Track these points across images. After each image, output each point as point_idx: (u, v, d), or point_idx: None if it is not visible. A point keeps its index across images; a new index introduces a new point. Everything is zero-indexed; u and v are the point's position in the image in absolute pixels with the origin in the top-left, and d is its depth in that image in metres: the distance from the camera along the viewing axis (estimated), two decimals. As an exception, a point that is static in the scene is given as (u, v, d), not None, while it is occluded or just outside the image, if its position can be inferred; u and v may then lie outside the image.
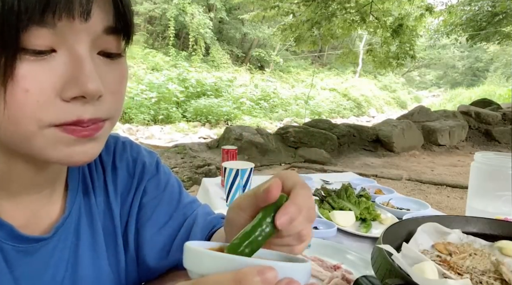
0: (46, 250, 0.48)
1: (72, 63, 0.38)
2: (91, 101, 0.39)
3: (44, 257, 0.48)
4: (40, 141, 0.39)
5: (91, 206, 0.55)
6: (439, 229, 0.73)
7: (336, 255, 0.91)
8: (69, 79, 0.38)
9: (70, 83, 0.38)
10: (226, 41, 17.06)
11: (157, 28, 15.62)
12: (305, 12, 8.43)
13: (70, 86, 0.38)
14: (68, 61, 0.38)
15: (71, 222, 0.52)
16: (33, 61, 0.36)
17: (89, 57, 0.39)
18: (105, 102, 0.41)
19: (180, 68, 12.31)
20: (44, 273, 0.48)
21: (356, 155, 6.06)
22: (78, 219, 0.53)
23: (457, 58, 27.75)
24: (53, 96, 0.38)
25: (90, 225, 0.54)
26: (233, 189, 1.35)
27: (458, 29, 11.88)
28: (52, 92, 0.37)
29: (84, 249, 0.52)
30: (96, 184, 0.56)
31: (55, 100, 0.38)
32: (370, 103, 18.03)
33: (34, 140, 0.39)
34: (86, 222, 0.53)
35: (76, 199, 0.53)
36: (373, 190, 1.53)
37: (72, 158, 0.41)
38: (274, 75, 17.04)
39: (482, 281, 0.57)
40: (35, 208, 0.49)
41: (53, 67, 0.37)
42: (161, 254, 0.60)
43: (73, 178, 0.54)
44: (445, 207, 3.47)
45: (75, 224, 0.52)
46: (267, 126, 10.25)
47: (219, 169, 2.26)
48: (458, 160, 5.86)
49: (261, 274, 0.27)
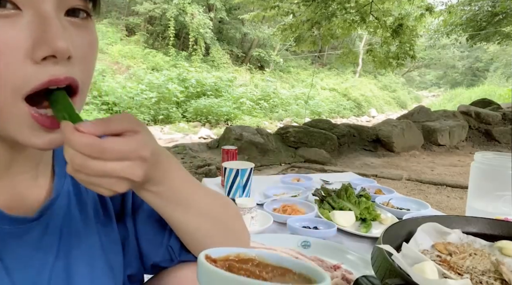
0: (35, 234, 0.47)
1: (38, 22, 0.37)
2: (62, 61, 0.39)
3: (32, 240, 0.47)
4: (10, 116, 0.39)
5: (81, 193, 0.54)
6: (439, 229, 0.73)
7: (336, 255, 0.91)
8: (37, 39, 0.37)
9: (39, 43, 0.37)
10: (226, 41, 17.05)
11: (157, 28, 15.61)
12: (305, 12, 8.43)
13: (39, 46, 0.37)
14: (34, 21, 0.37)
15: (60, 207, 0.51)
16: (19, 23, 0.36)
17: (56, 16, 0.39)
18: (75, 64, 0.41)
19: (180, 68, 12.30)
20: (34, 258, 0.47)
21: (356, 155, 6.06)
22: (68, 204, 0.52)
23: (457, 58, 27.75)
24: (22, 58, 0.37)
25: (80, 211, 0.53)
26: (233, 189, 1.35)
27: (458, 29, 11.88)
28: (21, 53, 0.37)
29: (75, 235, 0.51)
30: None
31: (25, 62, 0.37)
32: (370, 103, 18.03)
33: (6, 114, 0.39)
34: (76, 208, 0.53)
35: (64, 185, 0.52)
36: (373, 190, 1.53)
37: (36, 143, 0.41)
38: (274, 75, 17.04)
39: (482, 281, 0.57)
40: (19, 190, 0.48)
41: (19, 28, 0.37)
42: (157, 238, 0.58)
43: (59, 164, 0.53)
44: (445, 207, 3.47)
45: (64, 209, 0.51)
46: (267, 126, 10.25)
47: (219, 169, 2.26)
48: (458, 160, 5.86)
49: None
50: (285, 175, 1.86)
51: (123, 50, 12.67)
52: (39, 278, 0.47)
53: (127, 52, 12.71)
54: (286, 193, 1.51)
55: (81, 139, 0.37)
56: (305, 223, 1.17)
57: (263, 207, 1.28)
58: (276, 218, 1.19)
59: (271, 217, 1.17)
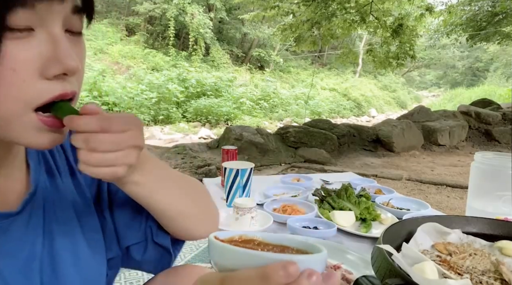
0: (18, 227, 0.49)
1: (50, 42, 0.41)
2: (69, 77, 0.43)
3: (17, 234, 0.49)
4: (18, 124, 0.42)
5: (57, 185, 0.56)
6: (439, 229, 0.73)
7: (336, 255, 0.91)
8: (49, 58, 0.41)
9: (52, 61, 0.41)
10: (226, 41, 17.05)
11: (157, 28, 15.61)
12: (305, 12, 8.42)
13: (53, 64, 0.41)
14: (46, 40, 0.41)
15: (39, 199, 0.53)
16: (17, 41, 0.39)
17: (64, 35, 0.42)
18: (74, 77, 0.45)
19: (180, 68, 12.30)
20: (21, 250, 0.49)
21: (356, 155, 6.06)
22: (46, 197, 0.54)
23: (457, 58, 27.75)
24: (36, 75, 0.41)
25: (59, 202, 0.55)
26: (233, 189, 1.35)
27: (458, 29, 11.86)
28: (35, 71, 0.40)
29: (57, 226, 0.53)
30: (59, 163, 0.58)
31: (38, 79, 0.41)
32: (370, 103, 18.03)
33: (14, 123, 0.42)
34: (54, 199, 0.55)
35: (40, 178, 0.54)
36: (373, 190, 1.53)
37: (39, 143, 0.45)
38: (274, 75, 17.04)
39: (482, 281, 0.57)
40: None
41: (34, 47, 0.40)
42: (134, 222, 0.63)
43: (32, 158, 0.55)
44: (445, 207, 3.46)
45: (43, 201, 0.53)
46: (267, 126, 10.25)
47: (219, 169, 2.26)
48: (458, 160, 5.85)
49: (285, 268, 0.30)
50: (285, 175, 1.87)
51: (123, 50, 12.67)
52: (27, 268, 0.48)
53: (127, 52, 12.71)
54: (286, 193, 1.51)
55: (89, 118, 0.42)
56: (305, 223, 1.17)
57: (263, 207, 1.28)
58: (276, 218, 1.19)
59: (271, 217, 1.17)
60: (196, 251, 2.34)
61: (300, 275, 0.31)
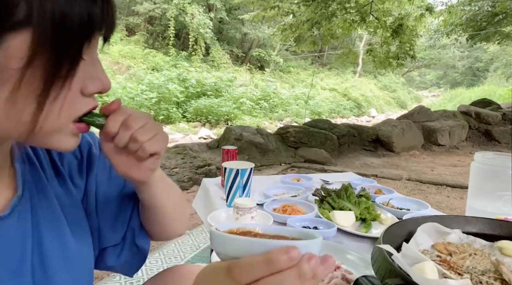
0: (7, 228, 0.50)
1: (91, 65, 0.46)
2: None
3: (7, 235, 0.50)
4: (58, 133, 0.47)
5: (44, 187, 0.58)
6: (439, 229, 0.73)
7: (336, 255, 0.91)
8: (87, 78, 0.46)
9: (91, 81, 0.47)
10: (226, 41, 17.06)
11: (157, 28, 15.61)
12: (305, 12, 8.43)
13: (93, 84, 0.47)
14: (88, 64, 0.46)
15: (27, 201, 0.55)
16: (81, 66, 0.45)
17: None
18: None
19: (180, 68, 12.30)
20: (12, 251, 0.50)
21: (356, 155, 6.06)
22: (33, 198, 0.56)
23: (457, 58, 27.77)
24: (79, 92, 0.46)
25: (46, 203, 0.57)
26: (233, 189, 1.35)
27: (458, 29, 11.87)
28: (79, 89, 0.46)
29: (45, 226, 0.55)
30: (44, 165, 0.60)
31: (80, 95, 0.46)
32: (370, 103, 18.04)
33: (55, 133, 0.46)
34: (41, 201, 0.57)
35: (26, 181, 0.56)
36: (373, 190, 1.53)
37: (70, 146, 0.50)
38: (274, 75, 17.05)
39: (482, 281, 0.57)
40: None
41: (82, 69, 0.45)
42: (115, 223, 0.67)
43: (18, 161, 0.56)
44: (445, 207, 3.46)
45: (31, 203, 0.55)
46: (267, 126, 10.25)
47: (219, 169, 2.26)
48: (458, 160, 5.86)
49: (288, 253, 0.33)
50: (285, 175, 1.86)
51: (123, 50, 12.68)
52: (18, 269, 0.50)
53: (127, 52, 12.71)
54: (286, 193, 1.51)
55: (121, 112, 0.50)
56: (305, 223, 1.17)
57: (263, 207, 1.28)
58: (276, 218, 1.19)
59: (271, 217, 1.17)
60: (196, 251, 2.35)
61: (301, 259, 0.34)
